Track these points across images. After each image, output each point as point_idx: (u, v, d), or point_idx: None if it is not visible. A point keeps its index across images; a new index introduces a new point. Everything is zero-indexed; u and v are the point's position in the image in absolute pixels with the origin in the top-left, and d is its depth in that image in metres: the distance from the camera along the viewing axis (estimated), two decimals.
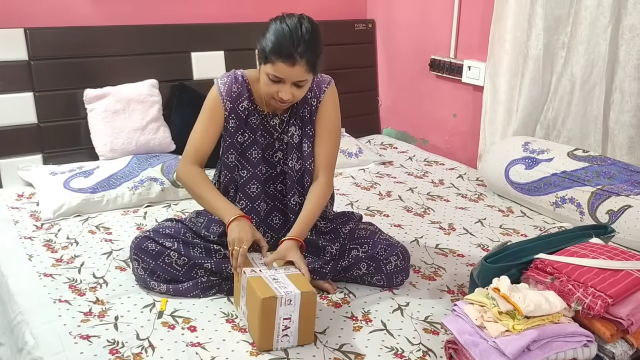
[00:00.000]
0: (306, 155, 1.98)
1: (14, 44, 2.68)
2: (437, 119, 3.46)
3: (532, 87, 2.83)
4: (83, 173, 2.60)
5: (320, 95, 1.99)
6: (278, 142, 2.01)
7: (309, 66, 1.80)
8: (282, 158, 2.01)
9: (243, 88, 1.95)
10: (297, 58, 1.77)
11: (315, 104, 1.99)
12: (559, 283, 1.59)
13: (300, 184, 1.99)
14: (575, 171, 2.49)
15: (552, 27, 2.74)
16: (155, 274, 1.91)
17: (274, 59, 1.78)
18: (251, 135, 1.98)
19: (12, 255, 2.14)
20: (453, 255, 2.25)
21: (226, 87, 1.94)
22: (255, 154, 1.98)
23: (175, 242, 1.93)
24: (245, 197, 1.98)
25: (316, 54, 1.81)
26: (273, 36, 1.79)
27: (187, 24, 3.11)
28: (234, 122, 1.95)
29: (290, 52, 1.76)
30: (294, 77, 1.81)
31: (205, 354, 1.63)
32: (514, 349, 1.42)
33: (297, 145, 1.98)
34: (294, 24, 1.79)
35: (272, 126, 2.00)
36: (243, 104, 1.95)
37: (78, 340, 1.67)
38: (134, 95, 2.84)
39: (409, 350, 1.68)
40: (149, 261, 1.91)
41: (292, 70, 1.79)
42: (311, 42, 1.78)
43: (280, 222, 2.04)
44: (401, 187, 2.92)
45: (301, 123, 1.99)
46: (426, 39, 3.43)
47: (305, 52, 1.77)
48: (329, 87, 2.01)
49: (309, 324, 1.70)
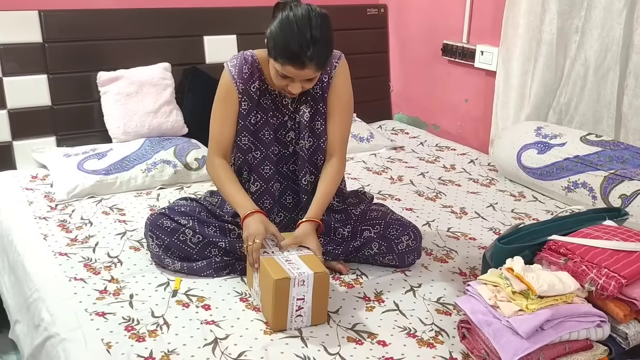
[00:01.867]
0: (319, 133, 1.96)
1: (28, 26, 2.69)
2: (449, 104, 3.45)
3: (545, 72, 2.81)
4: (96, 155, 2.62)
5: (331, 71, 1.93)
6: (290, 121, 1.98)
7: (319, 66, 1.75)
8: (295, 138, 2.00)
9: (254, 68, 1.91)
10: (306, 62, 1.70)
11: (326, 80, 1.94)
12: (573, 264, 1.59)
13: (311, 163, 1.98)
14: (587, 156, 2.48)
15: (566, 11, 2.72)
16: (169, 251, 1.92)
17: (282, 61, 1.73)
18: (263, 115, 1.96)
19: (27, 235, 2.16)
20: (465, 238, 2.26)
21: (237, 69, 1.90)
22: (268, 134, 1.97)
23: (190, 220, 1.93)
24: (259, 178, 1.98)
25: (326, 53, 1.75)
26: (281, 32, 1.71)
27: (200, 7, 3.10)
28: (246, 104, 1.93)
29: (298, 55, 1.69)
30: (303, 77, 1.77)
31: (220, 332, 1.65)
32: (528, 329, 1.42)
33: (308, 123, 1.96)
34: (302, 18, 1.70)
35: (284, 105, 1.97)
36: (255, 85, 1.92)
37: (94, 317, 1.69)
38: (147, 79, 2.85)
39: (421, 330, 1.70)
40: (163, 238, 1.92)
41: (301, 72, 1.74)
42: (321, 41, 1.70)
43: (293, 202, 2.04)
44: (413, 172, 2.92)
45: (312, 101, 1.96)
46: (438, 23, 3.42)
47: (315, 54, 1.70)
48: (339, 62, 1.95)
49: (322, 304, 1.71)
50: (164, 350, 1.57)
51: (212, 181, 1.99)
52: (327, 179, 1.94)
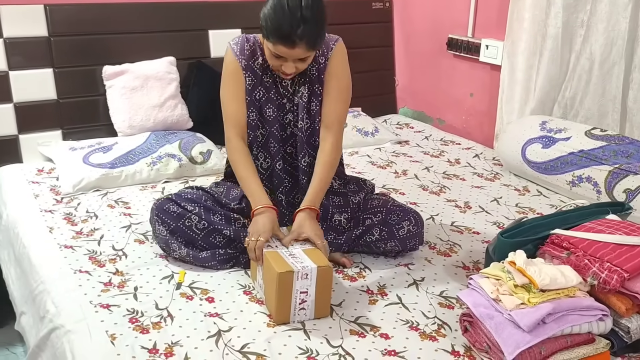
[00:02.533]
0: (313, 114, 1.96)
1: (34, 20, 2.70)
2: (454, 98, 3.45)
3: (550, 66, 2.81)
4: (102, 149, 2.63)
5: (327, 52, 1.94)
6: (289, 103, 1.98)
7: (309, 46, 1.76)
8: (293, 120, 2.00)
9: (255, 47, 1.93)
10: (296, 40, 1.72)
11: (323, 61, 1.94)
12: (575, 258, 1.59)
13: (309, 145, 1.99)
14: (592, 150, 2.48)
15: (571, 5, 2.71)
16: (175, 235, 1.93)
17: (273, 40, 1.75)
18: (266, 92, 1.96)
19: (33, 228, 2.18)
20: (469, 232, 2.26)
21: (239, 47, 1.92)
22: (271, 112, 1.97)
23: (196, 207, 1.95)
24: (269, 156, 2.00)
25: (317, 33, 1.76)
26: (273, 13, 1.74)
27: (205, 1, 3.11)
28: (250, 80, 1.94)
29: (289, 33, 1.71)
30: (294, 56, 1.79)
31: (223, 324, 1.66)
32: (529, 322, 1.42)
33: (306, 105, 1.96)
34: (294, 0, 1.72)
35: (283, 87, 1.98)
36: (258, 61, 1.93)
37: (98, 309, 1.71)
38: (152, 73, 2.86)
39: (424, 324, 1.70)
40: (169, 222, 1.92)
41: (292, 51, 1.76)
42: (312, 20, 1.72)
43: (290, 185, 2.05)
44: (417, 166, 2.92)
45: (309, 82, 1.96)
46: (443, 17, 3.41)
47: (305, 33, 1.72)
48: (336, 44, 1.96)
49: (325, 298, 1.72)
50: (168, 342, 1.58)
51: (230, 163, 1.98)
52: (323, 164, 1.93)
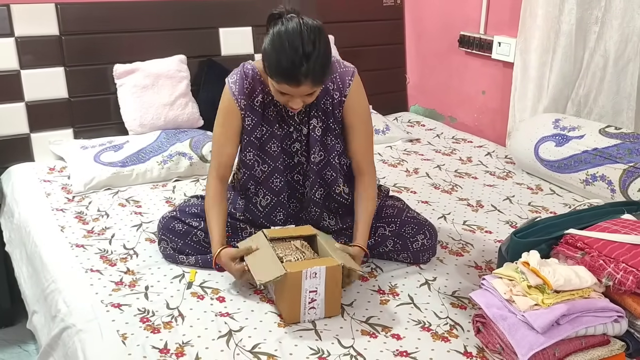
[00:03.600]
0: (329, 149, 1.92)
1: (45, 19, 2.71)
2: (466, 96, 3.42)
3: (564, 63, 2.78)
4: (113, 147, 2.64)
5: (344, 89, 1.87)
6: (296, 132, 1.93)
7: (315, 82, 1.68)
8: (300, 149, 1.95)
9: (255, 82, 1.86)
10: (301, 79, 1.65)
11: (338, 97, 1.88)
12: (590, 258, 1.57)
13: (321, 178, 1.95)
14: (606, 148, 2.45)
15: (585, 2, 2.68)
16: (183, 253, 1.94)
17: (277, 80, 1.68)
18: (269, 128, 1.91)
19: (45, 226, 2.18)
20: (481, 231, 2.24)
21: (237, 86, 1.85)
22: (275, 147, 1.92)
23: (201, 222, 1.94)
24: (269, 192, 1.95)
25: (322, 66, 1.67)
26: (273, 51, 1.65)
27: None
28: (250, 120, 1.88)
29: (293, 74, 1.64)
30: (301, 94, 1.72)
31: (234, 324, 1.66)
32: (543, 323, 1.41)
33: (320, 138, 1.91)
34: (293, 34, 1.63)
35: (289, 117, 1.91)
36: (258, 99, 1.87)
37: (110, 308, 1.71)
38: (162, 71, 2.86)
39: (436, 324, 1.69)
40: (177, 240, 1.93)
41: (298, 89, 1.69)
42: (315, 55, 1.63)
43: (296, 210, 2.02)
44: (428, 165, 2.90)
45: (324, 116, 1.90)
46: (455, 14, 3.38)
47: (310, 71, 1.64)
48: (353, 79, 1.89)
49: (335, 297, 1.71)
50: (179, 342, 1.58)
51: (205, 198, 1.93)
52: (365, 199, 1.91)
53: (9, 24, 2.64)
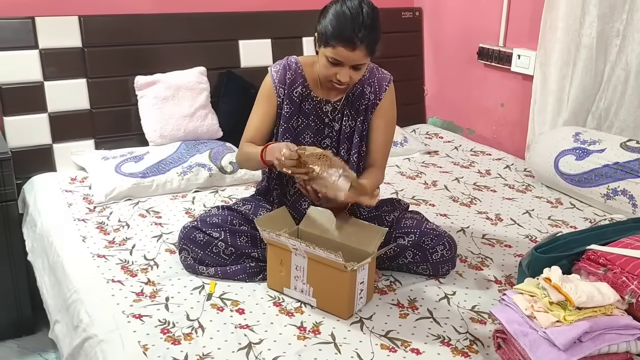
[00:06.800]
0: (353, 147, 2.03)
1: (68, 32, 2.75)
2: (484, 108, 3.42)
3: (584, 77, 2.76)
4: (133, 158, 2.66)
5: (380, 93, 2.03)
6: (328, 128, 2.05)
7: (368, 50, 1.83)
8: (329, 145, 2.05)
9: (297, 74, 2.01)
10: (357, 43, 1.80)
11: (373, 99, 2.03)
12: (612, 275, 1.56)
13: None
14: (628, 162, 2.43)
15: (606, 15, 2.67)
16: (203, 263, 1.95)
17: (334, 43, 1.82)
18: (304, 120, 2.03)
19: (66, 236, 2.21)
20: (500, 245, 2.23)
21: (279, 75, 2.01)
22: (308, 138, 2.04)
23: (222, 232, 1.96)
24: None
25: (376, 39, 1.84)
26: (334, 19, 1.82)
27: (235, 12, 3.13)
28: (288, 108, 2.01)
29: (351, 36, 1.79)
30: (353, 61, 1.85)
31: (254, 336, 1.66)
32: (565, 340, 1.40)
33: (348, 137, 2.03)
34: (355, 7, 1.81)
35: (324, 112, 2.04)
36: (297, 90, 2.01)
37: (131, 319, 1.72)
38: (183, 83, 2.88)
39: (455, 339, 1.68)
40: (197, 251, 1.95)
41: (353, 54, 1.82)
42: (372, 27, 1.81)
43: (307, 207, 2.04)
44: (447, 177, 2.90)
45: (356, 115, 2.03)
46: (474, 26, 3.39)
47: (366, 37, 1.80)
48: (389, 85, 2.05)
49: (370, 282, 1.83)
50: (199, 353, 1.59)
51: (242, 164, 2.07)
52: (368, 176, 2.01)
53: (33, 37, 2.68)
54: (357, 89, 2.02)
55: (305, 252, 1.76)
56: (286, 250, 1.81)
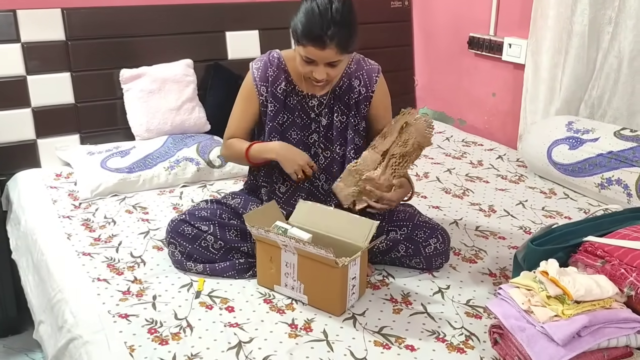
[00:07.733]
0: (347, 143, 1.99)
1: (51, 24, 2.68)
2: (476, 98, 3.38)
3: (577, 65, 2.73)
4: (120, 153, 2.61)
5: (372, 85, 1.98)
6: (314, 123, 2.00)
7: (340, 48, 1.77)
8: (317, 140, 2.00)
9: (279, 70, 1.96)
10: (326, 41, 1.75)
11: (365, 92, 1.98)
12: (610, 267, 1.53)
13: (341, 170, 1.98)
14: (622, 151, 2.40)
15: (598, 2, 2.63)
16: (192, 258, 1.91)
17: (304, 42, 1.78)
18: (290, 116, 1.98)
19: (51, 234, 2.15)
20: (494, 237, 2.20)
21: (260, 72, 1.96)
22: (295, 134, 1.99)
23: (211, 226, 1.92)
24: (289, 179, 1.98)
25: (348, 34, 1.78)
26: (304, 17, 1.77)
27: (221, 3, 3.08)
28: (273, 106, 1.96)
29: (319, 35, 1.74)
30: (325, 59, 1.81)
31: (244, 335, 1.62)
32: (564, 335, 1.36)
33: (341, 132, 1.98)
34: (324, 3, 1.75)
35: (310, 107, 1.99)
36: (281, 86, 1.96)
37: (117, 319, 1.67)
38: (169, 75, 2.83)
39: (450, 335, 1.65)
40: (185, 245, 1.90)
41: (323, 53, 1.78)
42: (342, 23, 1.75)
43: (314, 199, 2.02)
44: (439, 168, 2.86)
45: (346, 109, 1.99)
46: (464, 16, 3.34)
47: (336, 34, 1.74)
48: (379, 76, 2.00)
49: (363, 277, 1.79)
50: (187, 354, 1.54)
51: (229, 158, 2.12)
52: None
53: (15, 30, 2.61)
54: (344, 83, 1.97)
55: (294, 248, 1.72)
56: (276, 247, 1.77)
